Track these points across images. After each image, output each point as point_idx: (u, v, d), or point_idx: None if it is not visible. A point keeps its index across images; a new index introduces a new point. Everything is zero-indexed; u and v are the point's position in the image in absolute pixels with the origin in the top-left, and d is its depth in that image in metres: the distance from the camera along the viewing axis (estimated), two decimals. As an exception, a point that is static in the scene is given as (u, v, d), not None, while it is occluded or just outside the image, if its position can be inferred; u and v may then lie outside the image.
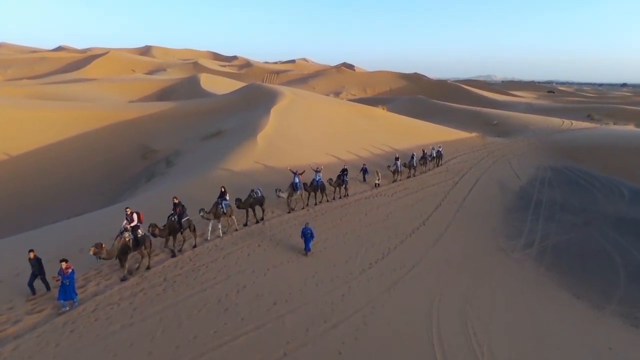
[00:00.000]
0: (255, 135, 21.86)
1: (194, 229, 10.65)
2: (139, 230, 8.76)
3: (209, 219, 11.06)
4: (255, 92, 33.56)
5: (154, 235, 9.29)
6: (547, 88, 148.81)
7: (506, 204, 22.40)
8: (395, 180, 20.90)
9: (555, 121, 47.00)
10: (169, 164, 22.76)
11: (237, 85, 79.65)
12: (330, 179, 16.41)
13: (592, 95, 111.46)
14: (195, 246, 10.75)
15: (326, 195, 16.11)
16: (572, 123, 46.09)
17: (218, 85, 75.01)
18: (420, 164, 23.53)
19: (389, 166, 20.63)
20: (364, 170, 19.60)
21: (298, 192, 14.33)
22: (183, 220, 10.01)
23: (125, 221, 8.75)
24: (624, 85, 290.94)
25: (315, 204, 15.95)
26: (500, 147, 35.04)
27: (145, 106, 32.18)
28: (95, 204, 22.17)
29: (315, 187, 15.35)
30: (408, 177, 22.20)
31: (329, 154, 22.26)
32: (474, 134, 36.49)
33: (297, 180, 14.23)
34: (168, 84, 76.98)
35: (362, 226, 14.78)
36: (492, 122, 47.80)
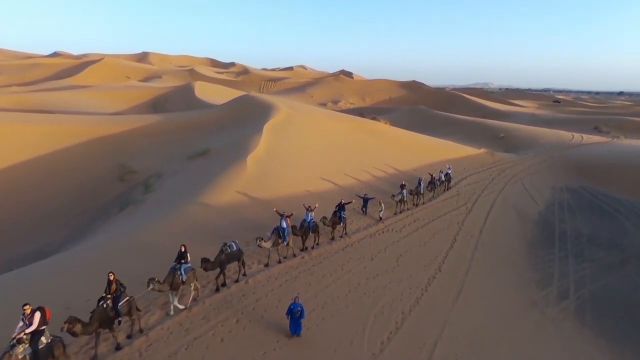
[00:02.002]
0: (245, 157, 19.32)
1: (138, 310, 7.94)
2: (43, 337, 5.99)
3: (162, 291, 8.36)
4: (247, 106, 31.09)
5: (74, 335, 6.56)
6: (546, 97, 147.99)
7: (527, 236, 19.90)
8: (402, 211, 18.32)
9: (565, 135, 44.85)
10: (147, 189, 20.11)
11: (232, 93, 77.36)
12: (324, 218, 13.67)
13: (594, 104, 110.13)
14: (141, 331, 7.98)
15: (318, 237, 13.43)
16: (582, 137, 43.94)
17: (213, 93, 72.72)
18: (428, 190, 21.00)
19: (393, 195, 17.95)
20: (365, 200, 16.97)
21: (286, 240, 11.62)
22: (120, 304, 7.29)
23: (20, 324, 5.97)
24: (621, 93, 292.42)
25: (313, 247, 13.35)
26: (511, 164, 32.68)
27: (126, 120, 29.60)
28: (58, 236, 19.49)
29: (307, 229, 12.65)
30: (416, 205, 19.66)
31: (326, 179, 19.69)
32: (482, 150, 34.13)
33: (284, 224, 11.56)
34: (161, 92, 74.54)
35: (368, 278, 12.16)
36: (498, 136, 45.61)
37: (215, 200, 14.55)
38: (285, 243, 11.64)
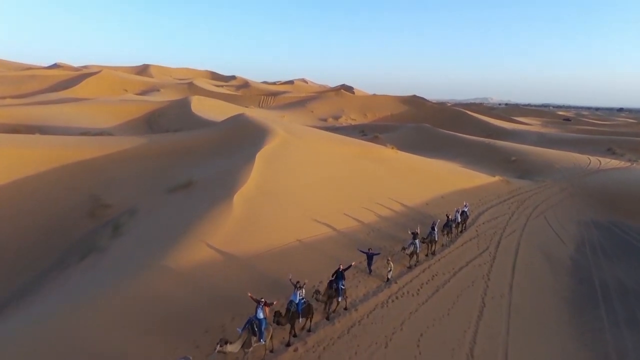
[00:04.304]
0: (232, 194, 16.43)
1: None
2: None
3: None
4: (240, 128, 28.41)
5: None
6: (548, 113, 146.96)
7: (564, 292, 16.82)
8: (416, 264, 15.33)
9: (581, 159, 42.17)
10: (115, 231, 17.11)
11: (230, 108, 75.26)
12: (317, 292, 10.49)
13: (600, 122, 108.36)
14: None
15: (311, 320, 10.30)
16: (600, 162, 41.25)
17: (210, 109, 70.63)
18: (444, 234, 18.01)
19: (404, 248, 14.94)
20: (370, 257, 13.79)
21: (263, 337, 8.47)
22: None
23: None
24: (621, 110, 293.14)
25: (310, 329, 10.31)
26: (529, 194, 29.83)
27: (107, 142, 26.82)
28: (13, 285, 16.44)
29: (295, 314, 9.46)
30: (433, 254, 16.69)
31: (324, 222, 16.62)
32: (497, 178, 31.33)
33: (260, 314, 8.50)
34: (157, 106, 72.31)
35: (383, 381, 9.09)
36: (509, 159, 42.93)
37: (187, 260, 11.53)
38: (261, 341, 8.49)
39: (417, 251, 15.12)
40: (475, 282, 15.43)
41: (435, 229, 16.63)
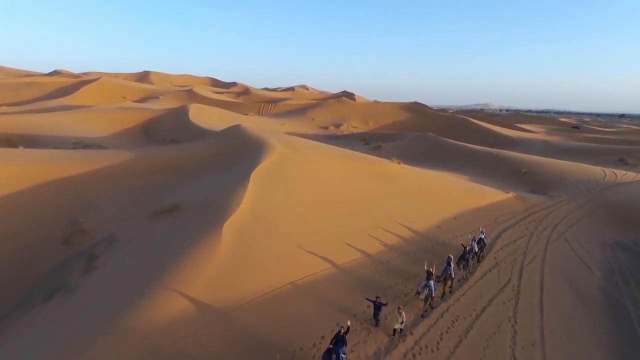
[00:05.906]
0: (221, 223, 14.45)
1: None
2: None
3: None
4: (236, 142, 26.51)
5: None
6: (551, 120, 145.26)
7: (601, 334, 14.65)
8: (431, 307, 13.28)
9: (595, 171, 40.12)
10: (90, 264, 15.13)
11: (229, 117, 73.68)
12: None
13: (602, 129, 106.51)
14: None
15: None
16: (616, 174, 39.20)
17: (209, 116, 69.08)
18: (460, 268, 15.93)
19: (418, 292, 12.89)
20: (377, 307, 11.48)
21: None
22: None
23: None
24: (622, 116, 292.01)
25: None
26: (546, 212, 27.79)
27: (91, 158, 24.85)
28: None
29: None
30: (451, 292, 14.65)
31: (322, 256, 14.50)
32: (510, 194, 29.31)
33: None
34: (155, 114, 70.73)
35: None
36: (519, 170, 40.90)
37: (158, 318, 9.46)
38: None
39: (433, 294, 13.05)
40: (501, 326, 13.35)
41: (452, 264, 14.57)
